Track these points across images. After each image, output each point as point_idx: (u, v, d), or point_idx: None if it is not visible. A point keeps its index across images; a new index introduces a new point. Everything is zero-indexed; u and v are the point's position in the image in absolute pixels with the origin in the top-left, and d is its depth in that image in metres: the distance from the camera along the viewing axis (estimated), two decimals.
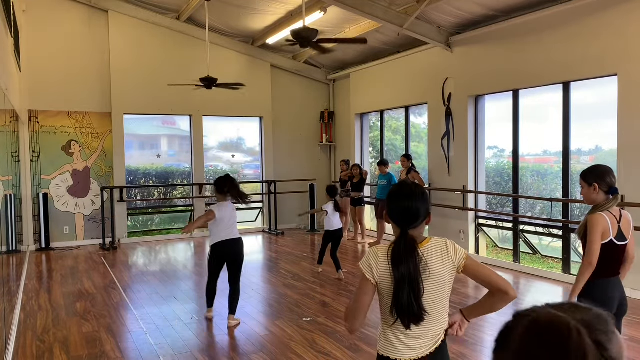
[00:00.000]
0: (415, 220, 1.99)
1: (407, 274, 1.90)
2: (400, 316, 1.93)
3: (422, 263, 1.94)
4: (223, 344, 4.72)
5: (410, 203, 1.99)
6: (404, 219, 1.99)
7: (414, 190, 2.04)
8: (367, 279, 1.99)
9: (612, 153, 6.21)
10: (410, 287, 1.90)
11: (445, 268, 1.99)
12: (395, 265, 1.93)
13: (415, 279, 1.91)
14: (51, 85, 9.32)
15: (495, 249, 8.17)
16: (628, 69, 5.80)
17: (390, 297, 1.96)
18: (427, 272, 1.95)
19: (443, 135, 8.48)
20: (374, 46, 9.51)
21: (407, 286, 1.90)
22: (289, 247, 9.32)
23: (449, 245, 2.03)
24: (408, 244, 1.95)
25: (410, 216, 1.99)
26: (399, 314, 1.93)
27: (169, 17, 10.03)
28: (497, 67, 7.48)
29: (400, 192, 2.04)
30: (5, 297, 4.99)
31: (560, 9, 6.48)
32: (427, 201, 2.05)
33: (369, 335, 4.73)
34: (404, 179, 1.93)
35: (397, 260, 1.93)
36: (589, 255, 2.93)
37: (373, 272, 1.98)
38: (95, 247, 9.39)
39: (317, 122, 11.89)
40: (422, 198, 2.02)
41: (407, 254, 1.93)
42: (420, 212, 2.00)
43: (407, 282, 1.90)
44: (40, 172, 9.37)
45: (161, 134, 11.10)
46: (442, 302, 2.01)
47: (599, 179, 2.99)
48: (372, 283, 1.99)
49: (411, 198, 2.00)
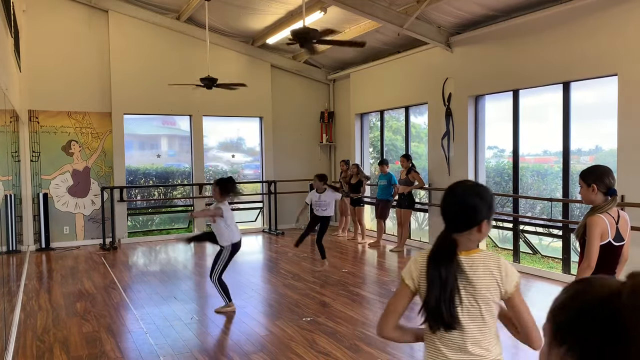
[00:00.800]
0: (458, 224, 1.83)
1: (439, 276, 1.78)
2: (428, 319, 1.83)
3: (460, 271, 1.80)
4: (223, 344, 4.72)
5: (456, 206, 1.84)
6: (447, 219, 1.87)
7: (467, 191, 1.86)
8: (406, 285, 1.89)
9: (612, 153, 6.21)
10: (441, 290, 1.77)
11: (487, 287, 1.81)
12: (430, 265, 1.81)
13: (447, 283, 1.77)
14: (51, 85, 9.32)
15: (495, 249, 8.17)
16: (628, 69, 5.80)
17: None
18: (464, 283, 1.81)
19: (443, 135, 8.48)
20: (374, 46, 9.51)
21: (438, 288, 1.78)
22: (289, 247, 9.31)
23: (501, 266, 1.83)
24: (447, 247, 1.82)
25: (454, 218, 1.84)
26: (428, 316, 1.82)
27: (169, 17, 10.03)
28: (497, 67, 7.48)
29: (453, 191, 1.89)
30: (5, 297, 4.99)
31: (560, 9, 6.47)
32: (480, 207, 1.82)
33: (369, 335, 4.73)
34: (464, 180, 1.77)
35: (433, 261, 1.81)
36: (588, 257, 2.92)
37: (413, 277, 1.87)
38: (95, 247, 9.39)
39: (317, 122, 11.89)
40: (474, 202, 1.81)
41: (444, 257, 1.80)
42: (467, 216, 1.82)
43: (439, 284, 1.78)
44: (40, 172, 9.37)
45: (161, 134, 11.11)
46: (482, 321, 1.83)
47: (597, 179, 2.99)
48: (410, 289, 1.88)
49: (461, 199, 1.84)
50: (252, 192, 11.39)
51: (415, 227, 9.76)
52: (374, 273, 7.52)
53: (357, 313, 5.41)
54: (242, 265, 8.18)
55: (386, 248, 8.97)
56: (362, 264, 8.18)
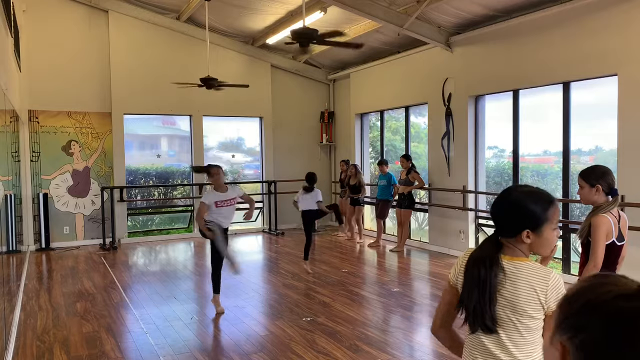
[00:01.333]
0: (503, 228, 1.77)
1: (478, 275, 1.71)
2: (467, 318, 1.76)
3: (501, 275, 1.72)
4: (223, 344, 4.71)
5: (502, 208, 1.77)
6: (493, 220, 1.80)
7: (520, 196, 1.75)
8: (449, 281, 1.87)
9: (612, 153, 6.21)
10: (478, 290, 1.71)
11: (525, 299, 1.72)
12: (469, 263, 1.76)
13: (486, 283, 1.70)
14: (51, 85, 9.32)
15: None
16: (628, 69, 5.80)
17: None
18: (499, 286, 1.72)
19: (443, 135, 8.48)
20: (374, 46, 9.51)
21: (475, 288, 1.72)
22: (289, 247, 9.32)
23: (549, 280, 1.71)
24: (491, 248, 1.75)
25: (498, 221, 1.78)
26: (467, 315, 1.75)
27: (169, 17, 10.04)
28: (497, 67, 7.48)
29: (506, 193, 1.79)
30: (5, 297, 4.99)
31: (560, 9, 6.47)
32: (526, 215, 1.71)
33: (369, 335, 4.73)
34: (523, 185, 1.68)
35: (473, 259, 1.76)
36: (594, 257, 2.90)
37: (456, 274, 1.83)
38: (95, 247, 9.39)
39: (317, 122, 11.89)
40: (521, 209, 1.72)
41: (485, 257, 1.73)
42: (510, 221, 1.74)
43: (476, 283, 1.72)
44: (40, 172, 9.37)
45: (161, 134, 11.10)
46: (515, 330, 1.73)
47: (601, 179, 2.98)
48: (451, 284, 1.85)
49: (510, 202, 1.75)
50: (252, 192, 11.39)
51: (415, 227, 9.76)
52: (374, 273, 7.52)
53: (357, 313, 5.41)
54: (242, 265, 8.18)
55: (386, 248, 8.97)
56: (362, 264, 8.18)
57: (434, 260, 7.97)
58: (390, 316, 5.39)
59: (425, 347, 4.50)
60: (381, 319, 5.30)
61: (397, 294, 6.14)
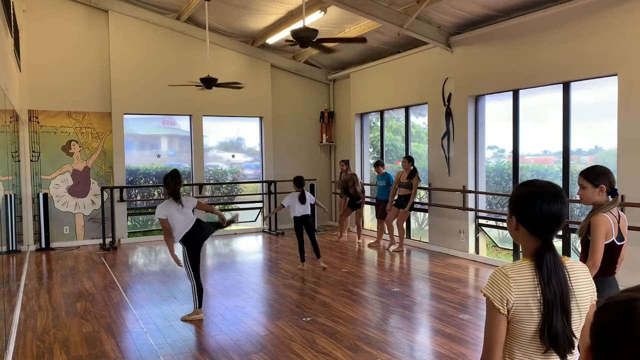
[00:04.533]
0: (561, 228, 1.68)
1: (560, 292, 1.57)
2: (553, 345, 1.57)
3: (569, 281, 1.62)
4: (223, 344, 4.71)
5: (558, 206, 1.64)
6: (552, 225, 1.64)
7: (559, 190, 1.67)
8: (496, 308, 1.60)
9: (612, 153, 6.21)
10: (562, 310, 1.57)
11: (588, 299, 1.66)
12: (547, 282, 1.58)
13: (567, 298, 1.59)
14: (51, 85, 9.32)
15: (495, 249, 8.17)
16: (628, 69, 5.80)
17: (532, 322, 1.59)
18: (573, 293, 1.62)
19: (443, 135, 8.48)
20: (374, 46, 9.51)
21: (559, 308, 1.57)
22: (289, 247, 9.32)
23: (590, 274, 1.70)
24: (557, 257, 1.63)
25: (559, 222, 1.65)
26: (552, 342, 1.56)
27: (169, 17, 10.03)
28: (497, 67, 7.48)
29: (546, 191, 1.65)
30: (5, 297, 4.99)
31: (560, 9, 6.48)
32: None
33: (369, 335, 4.73)
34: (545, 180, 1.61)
35: (549, 276, 1.59)
36: (593, 256, 2.91)
37: (507, 298, 1.59)
38: (95, 247, 9.39)
39: (317, 122, 11.89)
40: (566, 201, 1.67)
41: (557, 269, 1.60)
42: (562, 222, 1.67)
43: (559, 302, 1.57)
44: (40, 172, 9.37)
45: (161, 134, 11.11)
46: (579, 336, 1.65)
47: (604, 179, 2.99)
48: (502, 312, 1.60)
49: (561, 199, 1.65)
50: (252, 192, 11.40)
51: (415, 227, 9.76)
52: (374, 273, 7.52)
53: (357, 313, 5.41)
54: (242, 265, 8.20)
55: (386, 248, 8.96)
56: (362, 264, 8.18)
57: (434, 260, 7.97)
58: (390, 316, 5.39)
59: (425, 347, 4.50)
60: (381, 319, 5.30)
61: (397, 294, 6.14)
